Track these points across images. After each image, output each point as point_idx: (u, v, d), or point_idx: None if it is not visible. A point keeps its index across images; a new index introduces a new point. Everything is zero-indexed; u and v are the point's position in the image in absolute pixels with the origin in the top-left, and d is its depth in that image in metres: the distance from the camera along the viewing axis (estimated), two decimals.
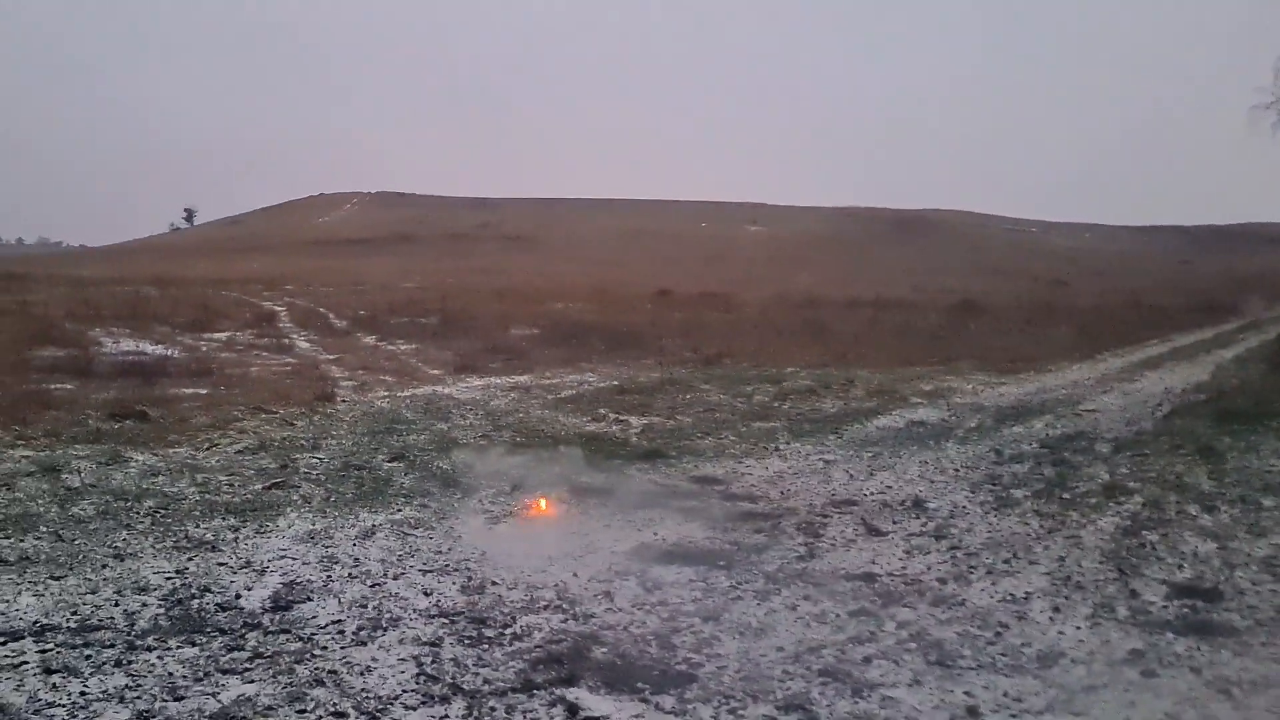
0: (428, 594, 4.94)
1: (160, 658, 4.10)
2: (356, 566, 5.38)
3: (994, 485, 7.44)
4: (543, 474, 7.57)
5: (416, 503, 6.85)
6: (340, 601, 4.82)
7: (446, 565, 5.42)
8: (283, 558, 5.53)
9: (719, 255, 65.27)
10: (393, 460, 8.21)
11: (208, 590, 4.97)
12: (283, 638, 4.35)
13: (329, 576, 5.20)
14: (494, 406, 11.30)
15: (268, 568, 5.35)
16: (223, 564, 5.41)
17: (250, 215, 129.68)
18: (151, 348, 16.23)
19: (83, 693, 3.76)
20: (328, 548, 5.73)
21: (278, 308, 25.44)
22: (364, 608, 4.74)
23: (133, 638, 4.32)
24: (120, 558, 5.47)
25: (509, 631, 4.44)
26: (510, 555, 5.60)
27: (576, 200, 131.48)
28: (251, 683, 3.88)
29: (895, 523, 6.40)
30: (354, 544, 5.82)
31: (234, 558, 5.52)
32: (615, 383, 13.36)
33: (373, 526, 6.21)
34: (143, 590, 4.95)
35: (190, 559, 5.48)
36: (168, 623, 4.51)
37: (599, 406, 11.32)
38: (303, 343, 18.60)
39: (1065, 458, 8.38)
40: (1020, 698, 3.77)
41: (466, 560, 5.50)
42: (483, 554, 5.63)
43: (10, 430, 8.74)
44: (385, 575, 5.24)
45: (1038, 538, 5.99)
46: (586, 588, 5.03)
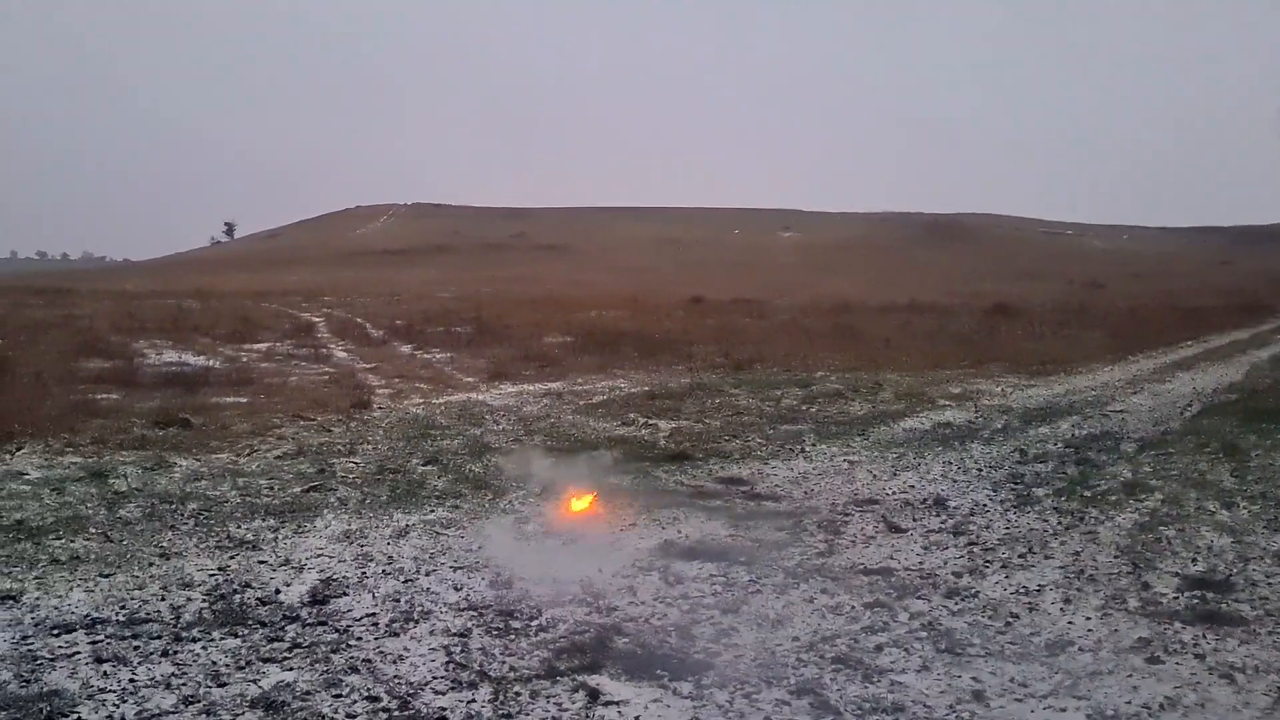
0: (458, 589, 5.14)
1: (204, 648, 4.32)
2: (390, 564, 5.59)
3: (1016, 484, 7.54)
4: (572, 476, 7.74)
5: (449, 504, 7.06)
6: (375, 596, 5.03)
7: (477, 562, 5.61)
8: (320, 556, 5.75)
9: (751, 262, 65.38)
10: (426, 464, 8.43)
11: (249, 586, 5.19)
12: (320, 629, 4.56)
13: (364, 573, 5.41)
14: (526, 412, 11.51)
15: (306, 565, 5.57)
16: (263, 562, 5.64)
17: (289, 228, 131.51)
18: (193, 358, 16.60)
19: (132, 679, 3.98)
20: (363, 546, 5.95)
21: (316, 318, 25.87)
22: (397, 601, 4.94)
23: (178, 630, 4.54)
24: (165, 556, 5.71)
25: (535, 623, 4.62)
26: (538, 552, 5.79)
27: (609, 209, 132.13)
28: (290, 670, 4.08)
29: (915, 520, 6.53)
30: (388, 543, 6.03)
31: (274, 556, 5.75)
32: (646, 388, 13.53)
33: (406, 526, 6.42)
34: (187, 586, 5.18)
35: (232, 557, 5.71)
36: (211, 616, 4.73)
37: (629, 411, 11.50)
38: (340, 352, 18.92)
39: (1089, 457, 8.46)
40: (1026, 683, 3.90)
41: (496, 557, 5.70)
42: (512, 551, 5.82)
43: (60, 438, 9.05)
44: (418, 571, 5.44)
45: (1055, 534, 6.10)
46: (611, 582, 5.20)
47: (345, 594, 5.07)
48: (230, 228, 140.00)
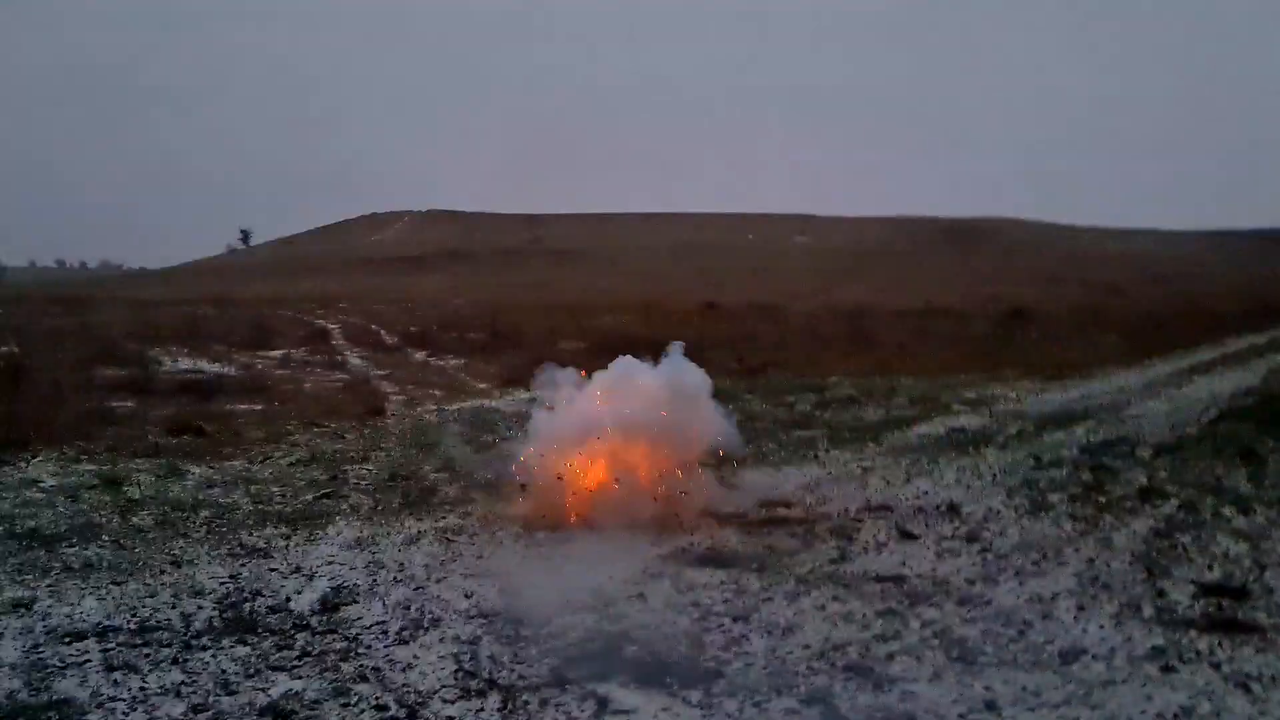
0: (468, 596, 5.13)
1: (214, 656, 4.33)
2: (401, 571, 5.59)
3: (1030, 490, 7.48)
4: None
5: (460, 511, 7.05)
6: (385, 604, 5.03)
7: (487, 569, 5.61)
8: (331, 563, 5.75)
9: (766, 267, 65.22)
10: (438, 471, 8.43)
11: (259, 594, 5.20)
12: (330, 637, 4.57)
13: (375, 580, 5.42)
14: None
15: (317, 573, 5.57)
16: (274, 569, 5.65)
17: (304, 235, 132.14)
18: (209, 366, 16.68)
19: (141, 688, 3.99)
20: (374, 554, 5.95)
21: (331, 325, 25.96)
22: (407, 609, 4.94)
23: (188, 638, 4.55)
24: (177, 564, 5.73)
25: (545, 631, 4.61)
26: (549, 559, 5.78)
27: (624, 215, 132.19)
28: (299, 679, 4.09)
29: (928, 526, 6.48)
30: (399, 550, 6.03)
31: (285, 564, 5.76)
32: None
33: (418, 533, 6.42)
34: (198, 594, 5.19)
35: (243, 565, 5.72)
36: (221, 624, 4.74)
37: None
38: (355, 359, 18.97)
39: (1104, 462, 8.38)
40: (1039, 692, 3.86)
41: (507, 564, 5.69)
42: (523, 558, 5.81)
43: (75, 445, 9.09)
44: (428, 579, 5.44)
45: (1069, 540, 6.04)
46: (621, 589, 5.19)
47: (355, 601, 5.07)
48: (246, 235, 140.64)
